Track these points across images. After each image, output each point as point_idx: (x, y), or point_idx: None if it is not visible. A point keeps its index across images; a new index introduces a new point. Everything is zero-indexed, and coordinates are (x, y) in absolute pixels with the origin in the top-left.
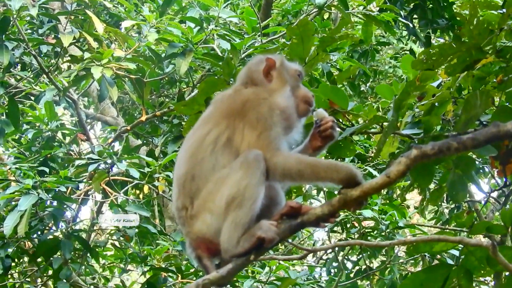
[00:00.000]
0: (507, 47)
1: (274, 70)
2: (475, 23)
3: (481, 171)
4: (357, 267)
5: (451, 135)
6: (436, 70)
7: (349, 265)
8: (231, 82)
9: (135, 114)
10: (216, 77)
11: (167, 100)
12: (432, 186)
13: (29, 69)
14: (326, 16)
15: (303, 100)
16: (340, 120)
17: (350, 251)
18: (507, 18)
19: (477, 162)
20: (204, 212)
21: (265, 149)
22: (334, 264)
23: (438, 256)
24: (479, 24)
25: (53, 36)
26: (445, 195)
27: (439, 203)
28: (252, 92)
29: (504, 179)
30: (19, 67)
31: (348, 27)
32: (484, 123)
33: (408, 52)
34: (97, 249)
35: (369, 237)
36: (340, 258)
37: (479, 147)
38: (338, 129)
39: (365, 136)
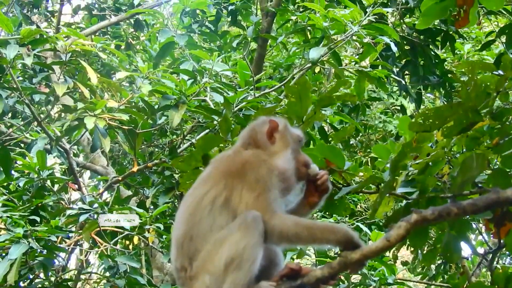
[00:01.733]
0: (503, 109)
1: (277, 132)
2: (472, 85)
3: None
4: None
5: (446, 196)
6: (433, 132)
7: None
8: (228, 139)
9: (124, 164)
10: (214, 133)
11: (156, 150)
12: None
13: (20, 117)
14: (317, 70)
15: (304, 165)
16: (336, 180)
17: None
18: (505, 81)
19: None
20: (203, 273)
21: (263, 211)
22: None
23: None
24: (477, 86)
25: (44, 84)
26: None
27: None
28: (251, 154)
29: (498, 241)
30: (9, 114)
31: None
32: (479, 185)
33: (398, 108)
34: None
35: None
36: None
37: (479, 213)
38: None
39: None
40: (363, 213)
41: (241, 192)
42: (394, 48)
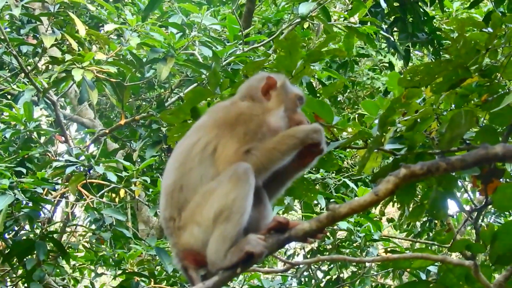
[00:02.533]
0: (492, 66)
1: (274, 90)
2: (462, 42)
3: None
4: (327, 277)
5: (434, 152)
6: (422, 88)
7: (319, 274)
8: (217, 92)
9: (112, 117)
10: (202, 86)
11: (144, 104)
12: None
13: (7, 68)
14: (306, 25)
15: (297, 124)
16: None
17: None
18: (494, 38)
19: None
20: (191, 224)
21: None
22: (305, 273)
23: (408, 270)
24: (467, 43)
25: (32, 36)
26: None
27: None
28: (247, 107)
29: (485, 198)
30: None
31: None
32: (468, 142)
33: (386, 65)
34: (68, 251)
35: (341, 249)
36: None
37: (467, 168)
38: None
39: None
40: (350, 170)
41: (226, 142)
42: (383, 4)
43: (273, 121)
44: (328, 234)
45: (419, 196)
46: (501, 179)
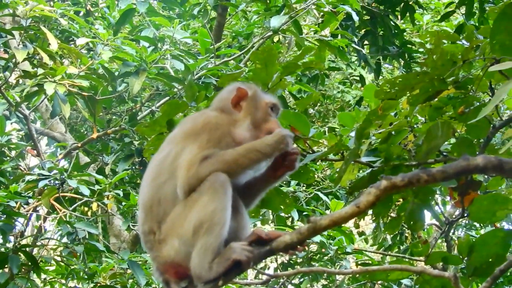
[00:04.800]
0: (467, 79)
1: (245, 100)
2: (439, 54)
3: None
4: None
5: (411, 164)
6: (399, 100)
7: None
8: (193, 105)
9: (83, 130)
10: (178, 99)
11: (114, 117)
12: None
13: None
14: (276, 39)
15: (269, 133)
16: (301, 146)
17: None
18: (471, 50)
19: None
20: (172, 236)
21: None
22: (276, 287)
23: (380, 282)
24: (443, 55)
25: (3, 50)
26: None
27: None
28: (214, 116)
29: (461, 210)
30: None
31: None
32: (444, 153)
33: (357, 78)
34: (40, 265)
35: (313, 262)
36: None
37: (448, 180)
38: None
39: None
40: (321, 183)
41: (188, 149)
42: (355, 17)
43: (238, 132)
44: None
45: (395, 209)
46: (477, 191)
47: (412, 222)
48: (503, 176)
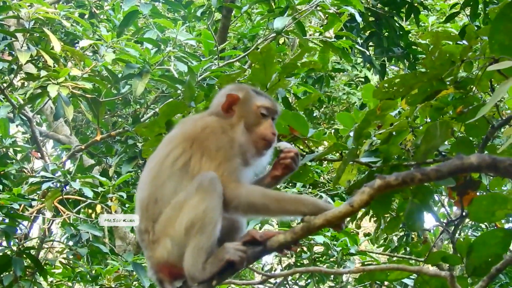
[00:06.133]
0: (467, 78)
1: (237, 105)
2: (437, 54)
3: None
4: None
5: (410, 164)
6: (397, 100)
7: None
8: (192, 105)
9: (88, 133)
10: (177, 100)
11: (120, 120)
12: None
13: None
14: (281, 41)
15: (261, 138)
16: (300, 147)
17: (299, 276)
18: (469, 50)
19: None
20: (164, 237)
21: (227, 180)
22: None
23: (386, 283)
24: (441, 55)
25: (7, 53)
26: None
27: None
28: (214, 121)
29: (460, 210)
30: None
31: (310, 54)
32: (443, 153)
33: (362, 79)
34: (46, 267)
35: (318, 263)
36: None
37: (443, 179)
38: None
39: (317, 161)
40: (326, 185)
41: (200, 159)
42: (358, 18)
43: (235, 137)
44: (305, 248)
45: (395, 209)
46: (476, 191)
47: (411, 222)
48: (497, 175)
